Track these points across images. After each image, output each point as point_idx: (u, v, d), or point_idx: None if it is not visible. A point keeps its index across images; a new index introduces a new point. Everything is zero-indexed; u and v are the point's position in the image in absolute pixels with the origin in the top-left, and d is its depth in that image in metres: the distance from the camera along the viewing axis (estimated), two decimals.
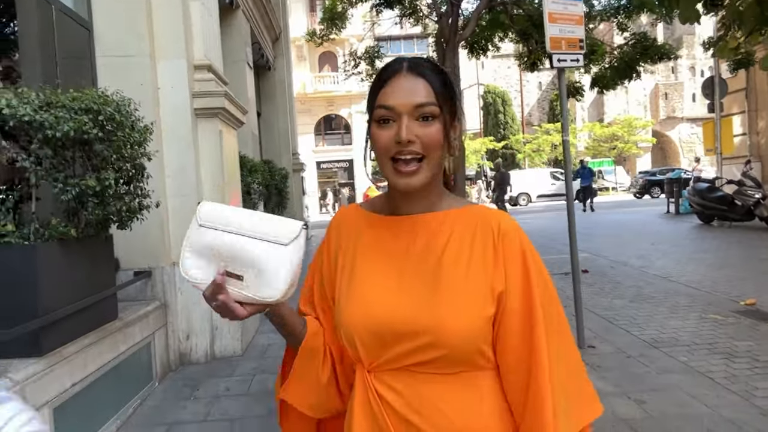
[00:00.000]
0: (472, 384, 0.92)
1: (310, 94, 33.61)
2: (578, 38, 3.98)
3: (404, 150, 0.90)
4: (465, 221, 0.97)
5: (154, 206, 3.37)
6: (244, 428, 3.15)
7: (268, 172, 9.05)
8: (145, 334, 3.74)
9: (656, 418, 3.07)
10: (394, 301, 0.92)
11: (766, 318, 4.85)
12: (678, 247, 9.38)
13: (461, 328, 0.88)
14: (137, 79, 4.06)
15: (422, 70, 0.94)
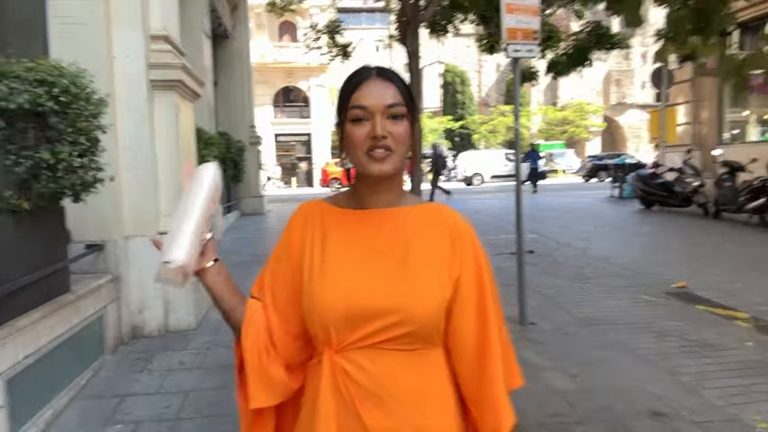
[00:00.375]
0: (426, 359, 1.06)
1: (269, 64, 32.89)
2: (533, 29, 4.13)
3: (378, 144, 1.02)
4: (426, 217, 1.10)
5: (108, 180, 3.36)
6: (197, 401, 3.23)
7: (224, 145, 8.96)
8: (98, 307, 3.74)
9: (588, 391, 3.33)
10: (364, 285, 1.03)
11: (695, 300, 5.22)
12: (619, 231, 9.86)
13: (426, 307, 1.02)
14: (91, 47, 3.97)
15: (390, 75, 1.08)
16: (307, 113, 34.70)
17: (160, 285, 1.10)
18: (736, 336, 4.22)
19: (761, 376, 3.47)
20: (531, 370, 3.63)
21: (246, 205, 12.78)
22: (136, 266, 4.30)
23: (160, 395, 3.29)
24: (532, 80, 10.84)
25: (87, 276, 3.86)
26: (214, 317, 4.84)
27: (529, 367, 3.68)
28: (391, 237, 1.07)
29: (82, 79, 2.95)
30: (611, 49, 10.30)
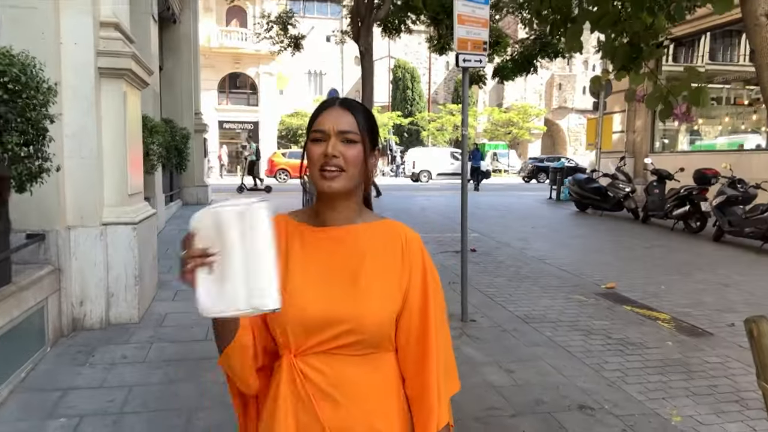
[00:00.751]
0: (378, 363, 1.17)
1: (215, 49, 32.04)
2: (483, 40, 4.31)
3: (330, 162, 1.13)
4: (380, 233, 1.21)
5: (54, 170, 3.29)
6: (142, 395, 3.22)
7: (168, 132, 8.76)
8: (39, 298, 3.65)
9: (521, 385, 3.55)
10: (321, 296, 1.14)
11: (622, 301, 5.59)
12: (555, 232, 10.32)
13: (375, 317, 1.13)
14: (38, 31, 3.84)
15: (349, 104, 1.19)
16: (255, 101, 34.07)
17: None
18: (657, 335, 4.57)
19: (679, 374, 3.80)
20: (470, 366, 3.82)
21: (189, 194, 12.51)
22: (77, 257, 4.21)
23: (103, 389, 3.27)
24: (480, 83, 11.17)
25: (28, 266, 3.75)
26: (157, 311, 4.80)
27: (469, 363, 3.88)
28: (348, 253, 1.18)
29: (33, 68, 2.88)
30: (555, 57, 10.75)
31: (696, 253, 8.35)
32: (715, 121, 13.83)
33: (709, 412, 3.24)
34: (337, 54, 40.18)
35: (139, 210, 4.72)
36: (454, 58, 4.64)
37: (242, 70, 33.71)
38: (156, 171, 7.93)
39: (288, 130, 36.51)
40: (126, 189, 4.50)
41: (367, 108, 1.24)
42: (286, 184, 25.01)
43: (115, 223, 4.34)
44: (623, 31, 2.29)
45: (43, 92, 2.98)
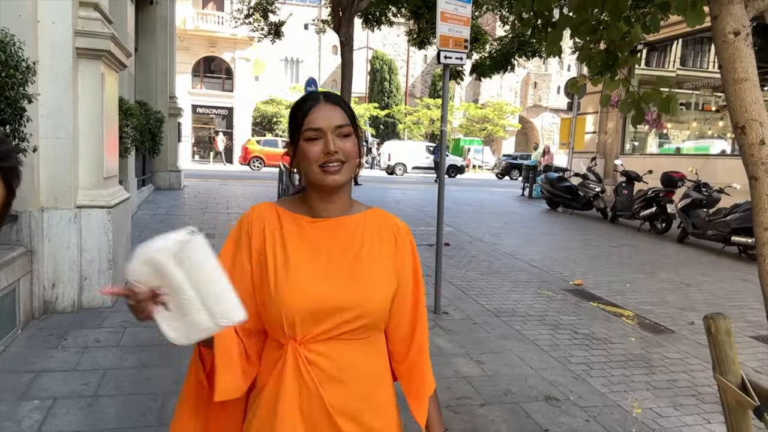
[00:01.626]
0: (375, 344, 1.27)
1: (190, 31, 31.48)
2: (464, 38, 4.38)
3: (331, 159, 1.19)
4: (374, 222, 1.30)
5: (31, 151, 3.25)
6: (116, 378, 3.23)
7: (143, 115, 8.63)
8: (10, 280, 3.61)
9: (491, 376, 3.66)
10: (326, 285, 1.19)
11: (588, 297, 5.76)
12: (526, 228, 10.52)
13: (378, 301, 1.22)
14: (15, 9, 3.77)
15: (335, 99, 1.25)
16: (230, 86, 33.63)
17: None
18: (621, 331, 4.74)
19: (640, 368, 3.96)
20: (442, 357, 3.92)
21: (162, 179, 12.34)
22: (50, 239, 4.16)
23: (77, 372, 3.26)
24: (457, 78, 11.27)
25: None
26: None
27: (441, 354, 3.97)
28: (346, 242, 1.25)
29: (12, 46, 2.84)
30: (532, 56, 10.92)
31: (661, 253, 8.63)
32: (683, 125, 14.23)
33: (667, 405, 3.40)
34: (314, 42, 39.86)
35: (114, 193, 4.68)
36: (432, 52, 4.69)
37: (218, 54, 33.22)
38: (129, 154, 7.82)
39: (263, 117, 36.16)
40: (101, 172, 4.46)
41: (345, 101, 1.29)
42: (260, 171, 24.79)
43: (89, 206, 4.29)
44: (601, 38, 2.38)
45: (21, 71, 2.94)
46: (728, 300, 5.99)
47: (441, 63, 4.35)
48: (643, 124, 2.27)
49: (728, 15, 1.59)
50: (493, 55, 10.63)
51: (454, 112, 40.00)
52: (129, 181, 8.09)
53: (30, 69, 3.05)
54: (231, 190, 13.66)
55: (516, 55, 10.48)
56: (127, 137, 7.09)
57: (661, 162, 12.19)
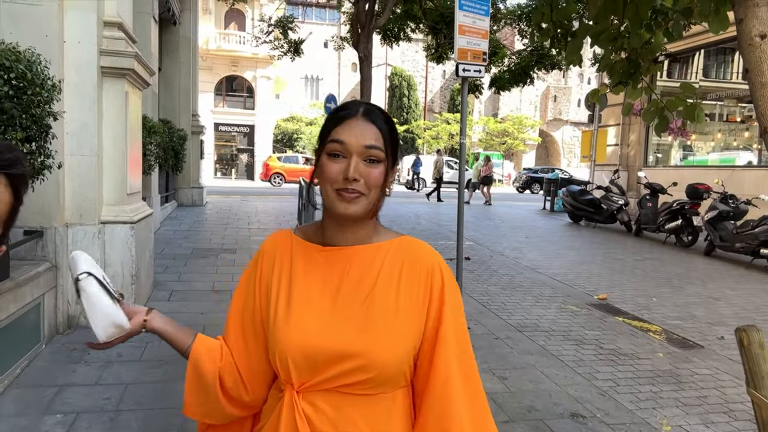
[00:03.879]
0: (388, 403, 1.03)
1: (213, 51, 32.11)
2: (482, 51, 4.37)
3: (349, 187, 1.00)
4: (394, 254, 1.07)
5: (56, 167, 3.31)
6: (138, 393, 3.24)
7: (166, 133, 8.78)
8: (36, 295, 3.66)
9: (514, 393, 3.58)
10: (328, 327, 1.01)
11: (613, 312, 5.65)
12: (548, 242, 10.38)
13: (389, 354, 0.99)
14: (42, 29, 3.87)
15: (374, 117, 1.05)
16: (251, 104, 34.12)
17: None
18: (648, 347, 4.62)
19: (669, 384, 3.85)
20: None
21: (184, 195, 12.51)
22: None
23: (99, 386, 3.27)
24: (476, 92, 11.26)
25: (25, 263, 3.76)
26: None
27: None
28: (358, 278, 1.05)
29: (38, 65, 2.91)
30: (551, 68, 10.87)
31: (687, 266, 8.43)
32: (708, 137, 14.00)
33: (698, 423, 3.29)
34: (334, 60, 40.36)
35: (138, 209, 4.74)
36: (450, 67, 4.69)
37: (239, 73, 33.77)
38: (153, 171, 7.94)
39: (283, 134, 36.58)
40: (125, 188, 4.52)
41: (389, 116, 1.10)
42: (280, 188, 25.00)
43: (113, 222, 4.35)
44: (622, 46, 2.35)
45: (47, 89, 3.01)
46: (759, 314, 5.81)
47: (459, 76, 4.34)
48: (667, 132, 2.23)
49: (754, 18, 1.55)
50: (512, 68, 10.61)
51: (473, 126, 39.99)
52: (152, 197, 8.20)
53: (55, 87, 3.12)
54: (252, 206, 13.77)
55: (535, 68, 10.45)
56: (151, 154, 7.21)
57: (686, 174, 11.98)
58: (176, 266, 6.51)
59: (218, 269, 6.52)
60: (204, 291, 5.55)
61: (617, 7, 2.19)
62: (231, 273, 6.34)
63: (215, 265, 6.74)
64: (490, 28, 4.75)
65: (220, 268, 6.56)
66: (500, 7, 11.10)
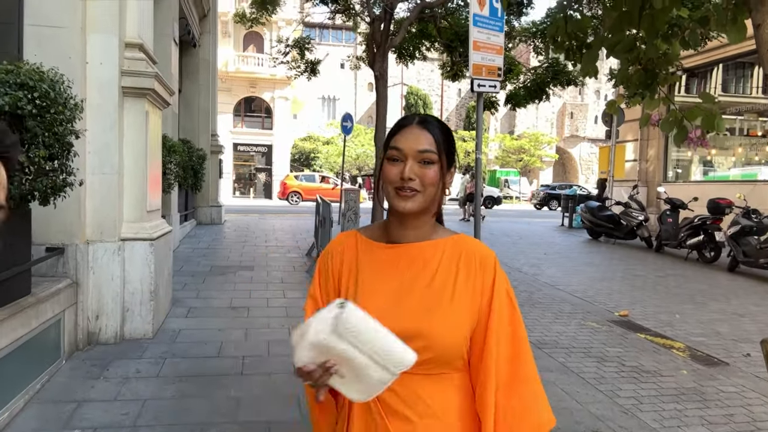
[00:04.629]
0: (452, 382, 1.15)
1: (232, 73, 32.68)
2: (497, 66, 4.38)
3: (406, 185, 1.14)
4: (452, 250, 1.20)
5: (77, 185, 3.37)
6: (156, 409, 3.24)
7: (186, 152, 8.90)
8: (56, 311, 3.70)
9: None
10: (392, 312, 1.13)
11: (635, 328, 5.54)
12: (567, 259, 10.26)
13: (448, 335, 1.11)
14: (65, 51, 3.97)
15: (428, 125, 1.19)
16: (269, 124, 34.55)
17: None
18: (672, 364, 4.52)
19: (694, 402, 3.75)
20: None
21: (203, 214, 12.63)
22: (95, 272, 4.27)
23: (117, 402, 3.29)
24: (492, 109, 11.26)
25: (46, 279, 3.82)
26: (171, 327, 4.83)
27: None
28: (419, 271, 1.17)
29: (61, 85, 2.98)
30: (567, 84, 10.84)
31: (710, 282, 8.26)
32: (728, 152, 13.81)
33: None
34: (350, 80, 40.77)
35: (157, 226, 4.79)
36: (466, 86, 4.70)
37: (258, 95, 34.27)
38: (172, 190, 8.04)
39: (301, 153, 36.91)
40: (145, 205, 4.58)
41: (445, 125, 1.23)
42: (297, 206, 25.14)
43: (133, 238, 4.40)
44: (638, 57, 2.34)
45: (70, 108, 3.08)
46: None
47: (474, 91, 4.35)
48: (686, 142, 2.20)
49: None
50: (528, 84, 10.60)
51: (489, 144, 39.98)
52: (172, 215, 8.30)
53: (77, 106, 3.19)
54: (269, 224, 13.85)
55: (551, 84, 10.43)
56: (171, 173, 7.32)
57: (706, 189, 11.81)
58: (195, 283, 6.55)
59: (236, 286, 6.55)
60: (222, 308, 5.58)
61: (633, 18, 2.19)
62: (249, 290, 6.36)
63: (233, 282, 6.77)
64: (504, 44, 4.77)
65: (238, 285, 6.59)
66: (515, 25, 11.14)
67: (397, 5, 8.33)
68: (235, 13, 12.45)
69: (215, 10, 13.28)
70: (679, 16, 2.36)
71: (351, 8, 10.35)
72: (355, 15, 10.67)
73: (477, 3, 4.27)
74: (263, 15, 11.52)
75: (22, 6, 3.88)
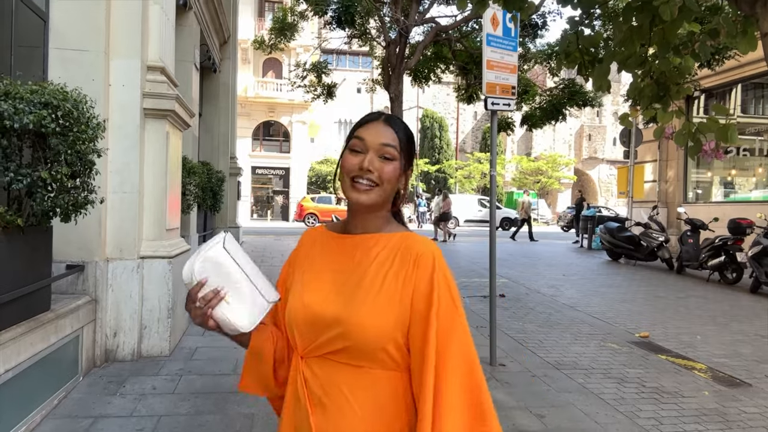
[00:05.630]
0: (374, 379, 1.11)
1: (251, 98, 33.26)
2: (511, 85, 4.41)
3: (363, 175, 1.16)
4: (393, 244, 1.18)
5: (98, 202, 3.44)
6: (170, 425, 3.25)
7: (205, 174, 9.03)
8: (75, 327, 3.75)
9: (552, 430, 3.45)
10: (324, 298, 1.16)
11: (656, 350, 5.43)
12: (586, 280, 10.13)
13: (365, 326, 1.09)
14: (89, 74, 4.10)
15: (393, 123, 1.22)
16: (287, 148, 34.96)
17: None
18: (693, 385, 4.41)
19: (715, 423, 3.65)
20: (499, 410, 3.72)
21: None
22: (114, 289, 4.32)
23: (133, 418, 3.30)
24: (508, 130, 11.30)
25: (65, 296, 3.88)
26: (188, 345, 4.85)
27: (498, 407, 3.78)
28: (359, 261, 1.18)
29: (84, 104, 3.07)
30: (583, 105, 10.86)
31: (732, 304, 8.08)
32: (749, 172, 13.61)
33: None
34: (366, 104, 41.16)
35: (175, 245, 4.86)
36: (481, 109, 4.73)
37: (276, 119, 34.76)
38: (192, 211, 8.15)
39: (317, 176, 37.20)
40: (164, 224, 4.65)
41: (409, 128, 1.25)
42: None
43: (151, 256, 4.46)
44: (650, 71, 2.35)
45: (92, 127, 3.16)
46: None
47: (488, 109, 4.38)
48: (701, 155, 2.19)
49: None
50: (543, 106, 10.63)
51: (506, 165, 39.90)
52: (191, 236, 8.38)
53: (100, 126, 3.27)
54: (285, 245, 13.93)
55: (567, 104, 10.45)
56: (190, 194, 7.42)
57: (727, 210, 11.62)
58: None
59: None
60: None
61: (643, 32, 2.20)
62: None
63: None
64: (520, 67, 4.81)
65: None
66: (530, 47, 11.22)
67: (412, 29, 8.46)
68: (254, 40, 12.71)
69: (235, 37, 13.58)
70: (691, 32, 2.36)
71: (367, 33, 10.53)
72: (371, 39, 10.85)
73: (490, 23, 4.33)
74: (281, 41, 11.77)
75: (47, 30, 4.02)
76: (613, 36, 2.38)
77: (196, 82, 9.15)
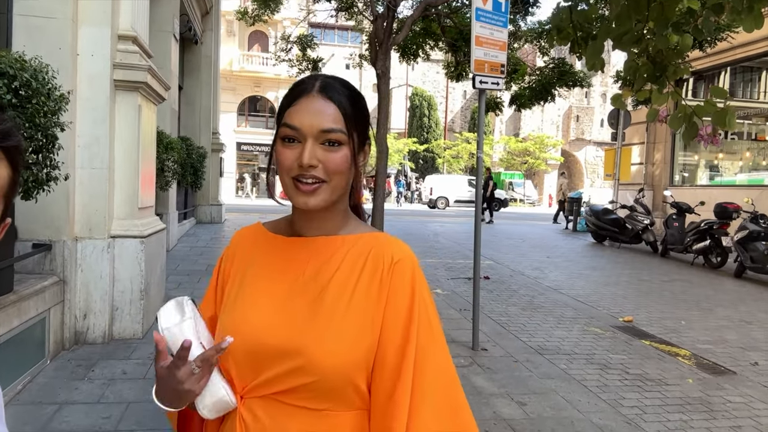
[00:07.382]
0: (338, 426, 0.89)
1: (236, 72, 32.67)
2: (500, 63, 4.25)
3: (306, 174, 0.89)
4: (359, 249, 0.95)
5: (62, 179, 3.25)
6: (139, 412, 3.12)
7: (185, 150, 8.80)
8: (41, 309, 3.58)
9: (534, 419, 3.38)
10: (272, 321, 0.90)
11: (640, 335, 5.39)
12: (571, 262, 10.11)
13: (331, 354, 0.86)
14: (55, 42, 3.87)
15: (333, 93, 0.91)
16: (273, 124, 34.50)
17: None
18: (677, 372, 4.37)
19: (700, 413, 3.60)
20: (480, 397, 3.67)
21: (203, 213, 12.53)
22: (83, 269, 4.15)
23: (100, 405, 3.17)
24: (496, 110, 11.12)
25: (31, 276, 3.70)
26: None
27: (479, 394, 3.72)
28: (316, 271, 0.94)
29: (45, 74, 2.87)
30: (573, 86, 10.70)
31: (717, 288, 8.10)
32: (736, 156, 13.63)
33: None
34: (355, 81, 40.64)
35: (149, 224, 4.68)
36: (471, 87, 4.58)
37: (262, 94, 34.24)
38: (170, 188, 7.94)
39: None
40: (136, 202, 4.47)
41: (354, 89, 0.96)
42: None
43: (123, 236, 4.29)
44: (646, 48, 2.21)
45: (54, 99, 2.96)
46: None
47: (476, 88, 4.22)
48: (696, 140, 2.07)
49: None
50: (533, 85, 10.45)
51: (494, 146, 39.80)
52: (169, 213, 8.19)
53: (63, 97, 3.07)
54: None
55: (556, 85, 10.28)
56: (168, 171, 7.20)
57: (714, 193, 11.63)
58: (190, 282, 6.43)
59: None
60: None
61: (641, 7, 2.05)
62: None
63: None
64: (510, 45, 4.64)
65: None
66: (521, 25, 10.99)
67: (400, 3, 8.20)
68: (237, 11, 12.33)
69: (218, 7, 13.18)
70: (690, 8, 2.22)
71: (354, 6, 10.23)
72: (358, 13, 10.56)
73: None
74: (265, 12, 11.41)
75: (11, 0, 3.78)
76: (609, 11, 2.23)
77: (176, 53, 8.86)
